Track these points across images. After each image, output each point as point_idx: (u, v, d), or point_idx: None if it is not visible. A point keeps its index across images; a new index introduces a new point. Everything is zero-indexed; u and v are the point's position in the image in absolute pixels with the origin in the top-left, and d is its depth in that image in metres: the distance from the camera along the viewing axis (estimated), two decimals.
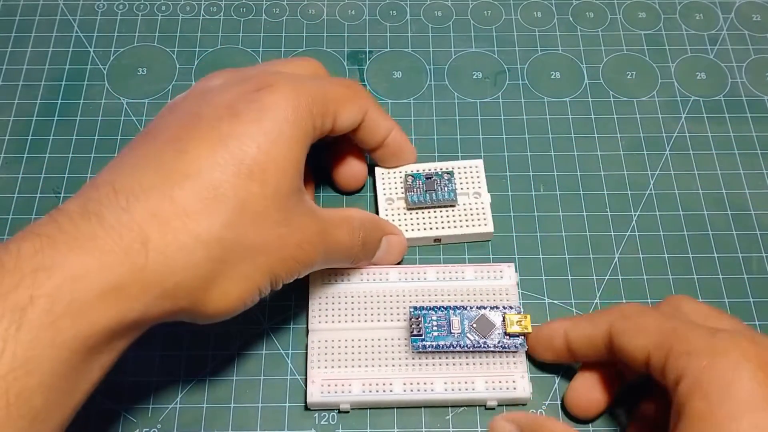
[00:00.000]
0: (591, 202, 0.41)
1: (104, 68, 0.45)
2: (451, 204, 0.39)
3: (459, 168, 0.40)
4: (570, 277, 0.38)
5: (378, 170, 0.40)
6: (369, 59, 0.46)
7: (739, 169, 0.42)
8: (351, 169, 0.39)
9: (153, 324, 0.28)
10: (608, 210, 0.40)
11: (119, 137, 0.42)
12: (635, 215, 0.40)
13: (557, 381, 0.35)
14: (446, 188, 0.38)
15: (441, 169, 0.39)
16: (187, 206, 0.27)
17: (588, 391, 0.33)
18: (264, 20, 0.48)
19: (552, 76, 0.46)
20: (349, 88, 0.35)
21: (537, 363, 0.36)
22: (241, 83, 0.31)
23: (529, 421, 0.31)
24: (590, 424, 0.34)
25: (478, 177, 0.40)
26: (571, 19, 0.48)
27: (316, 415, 0.34)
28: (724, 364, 0.27)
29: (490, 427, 0.33)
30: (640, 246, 0.39)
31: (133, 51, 0.46)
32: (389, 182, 0.40)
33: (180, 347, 0.36)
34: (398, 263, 0.38)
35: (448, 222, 0.39)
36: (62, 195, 0.40)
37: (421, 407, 0.35)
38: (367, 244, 0.35)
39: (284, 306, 0.37)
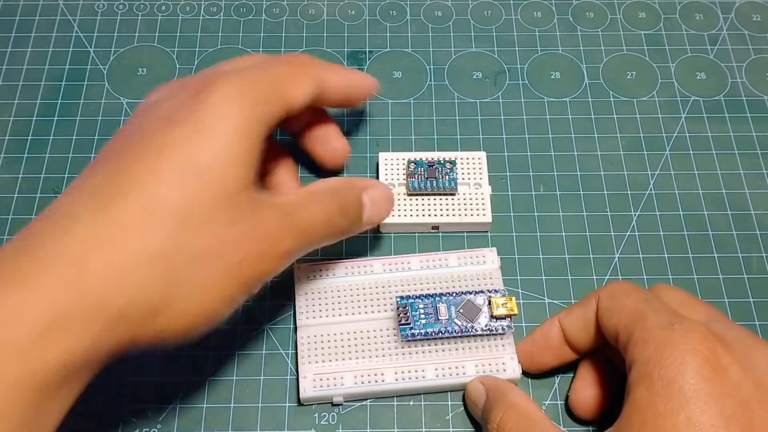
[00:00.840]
0: (591, 202, 0.41)
1: (104, 68, 0.45)
2: (451, 193, 0.39)
3: (462, 158, 0.40)
4: (570, 277, 0.38)
5: (381, 155, 0.40)
6: (369, 59, 0.46)
7: (739, 169, 0.42)
8: (330, 145, 0.38)
9: (114, 357, 0.26)
10: (608, 210, 0.40)
11: None
12: (635, 215, 0.40)
13: (557, 381, 0.36)
14: (447, 177, 0.39)
15: (444, 158, 0.40)
16: (126, 224, 0.26)
17: (590, 389, 0.33)
18: (264, 20, 0.48)
19: (552, 76, 0.46)
20: (292, 63, 0.33)
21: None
22: (181, 91, 0.30)
23: (495, 387, 0.32)
24: (590, 425, 0.34)
25: (480, 168, 0.40)
26: (571, 19, 0.48)
27: (316, 414, 0.35)
28: (672, 356, 0.27)
29: (467, 387, 0.34)
30: (640, 246, 0.39)
31: (133, 51, 0.46)
32: (391, 168, 0.40)
33: (180, 347, 0.36)
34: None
35: (447, 210, 0.39)
36: None
37: (419, 394, 0.35)
38: (347, 209, 0.33)
39: (284, 306, 0.37)
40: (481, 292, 0.35)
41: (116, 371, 0.28)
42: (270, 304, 0.37)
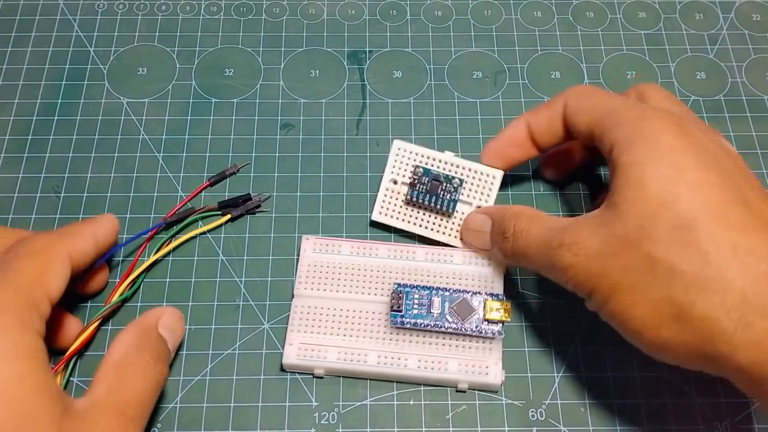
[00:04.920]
0: (591, 202, 0.41)
1: (104, 68, 0.45)
2: (448, 214, 0.38)
3: (476, 173, 0.38)
4: None
5: (396, 143, 0.39)
6: (369, 59, 0.46)
7: None
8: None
9: None
10: None
11: (119, 137, 0.42)
12: None
13: (557, 381, 0.36)
14: (448, 196, 0.38)
15: (455, 172, 0.38)
16: None
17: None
18: (264, 20, 0.48)
19: (552, 76, 0.46)
20: (35, 253, 0.30)
21: (535, 357, 0.36)
22: None
23: (497, 209, 0.36)
24: (590, 424, 0.34)
25: (490, 189, 0.38)
26: (571, 18, 0.48)
27: (316, 414, 0.35)
28: (647, 126, 0.31)
29: (466, 220, 0.37)
30: None
31: (133, 50, 0.46)
32: (401, 163, 0.39)
33: (180, 347, 0.36)
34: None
35: (441, 228, 0.38)
36: (62, 194, 0.40)
37: (401, 383, 0.35)
38: (160, 355, 0.31)
39: (284, 306, 0.37)
40: (479, 293, 0.35)
41: None
42: (270, 304, 0.37)
